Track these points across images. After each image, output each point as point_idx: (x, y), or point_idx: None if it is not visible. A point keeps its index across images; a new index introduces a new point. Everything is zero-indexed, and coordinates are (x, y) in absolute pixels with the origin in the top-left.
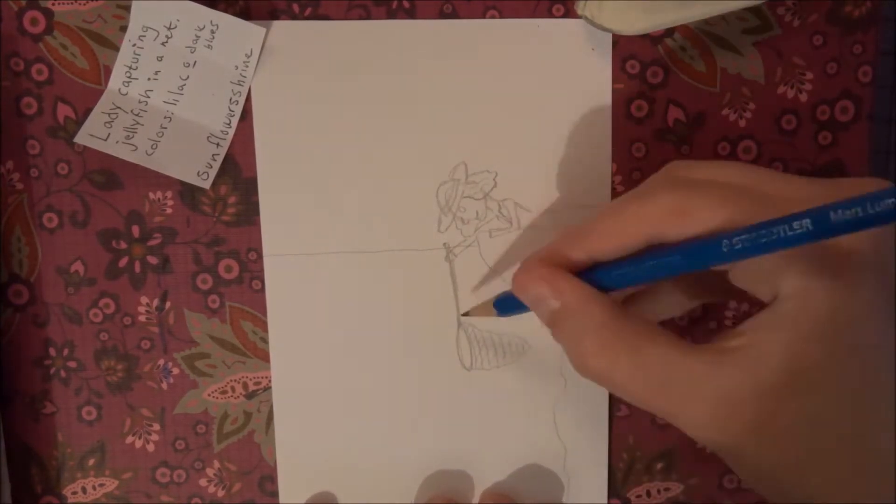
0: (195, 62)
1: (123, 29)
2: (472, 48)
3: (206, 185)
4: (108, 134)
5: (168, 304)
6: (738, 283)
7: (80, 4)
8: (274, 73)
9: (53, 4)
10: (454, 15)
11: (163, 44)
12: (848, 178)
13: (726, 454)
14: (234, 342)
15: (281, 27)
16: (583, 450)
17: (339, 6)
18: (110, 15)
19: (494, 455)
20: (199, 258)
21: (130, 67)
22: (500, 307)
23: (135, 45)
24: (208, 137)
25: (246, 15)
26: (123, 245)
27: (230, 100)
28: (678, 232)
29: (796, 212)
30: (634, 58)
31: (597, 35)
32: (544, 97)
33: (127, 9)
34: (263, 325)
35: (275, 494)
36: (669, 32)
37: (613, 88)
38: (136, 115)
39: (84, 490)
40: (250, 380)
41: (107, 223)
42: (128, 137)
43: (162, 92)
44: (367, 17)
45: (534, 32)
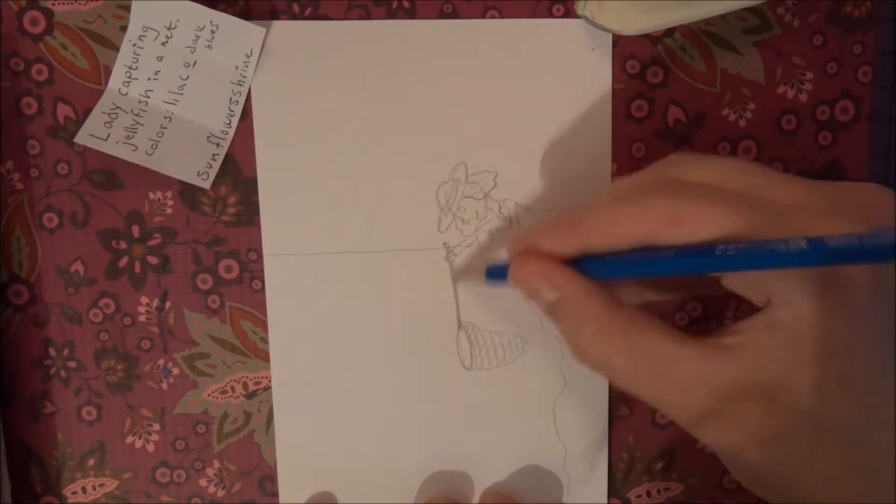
0: (195, 62)
1: (123, 29)
2: (472, 48)
3: (206, 185)
4: (108, 134)
5: (168, 304)
6: (730, 286)
7: (80, 4)
8: (274, 73)
9: (53, 4)
10: (454, 15)
11: (163, 44)
12: (849, 183)
13: (717, 449)
14: (234, 342)
15: (281, 27)
16: (583, 450)
17: (339, 6)
18: (110, 15)
19: (494, 455)
20: (199, 258)
21: (130, 67)
22: (490, 275)
23: (135, 45)
24: (208, 137)
25: (246, 15)
26: (123, 245)
27: (230, 100)
28: (671, 239)
29: (795, 235)
30: (634, 58)
31: (597, 35)
32: (544, 97)
33: (127, 9)
34: (263, 325)
35: (275, 494)
36: (669, 32)
37: (613, 88)
38: (136, 115)
39: (84, 490)
40: (250, 380)
41: (107, 223)
42: (128, 137)
43: (162, 92)
44: (367, 17)
45: (534, 32)
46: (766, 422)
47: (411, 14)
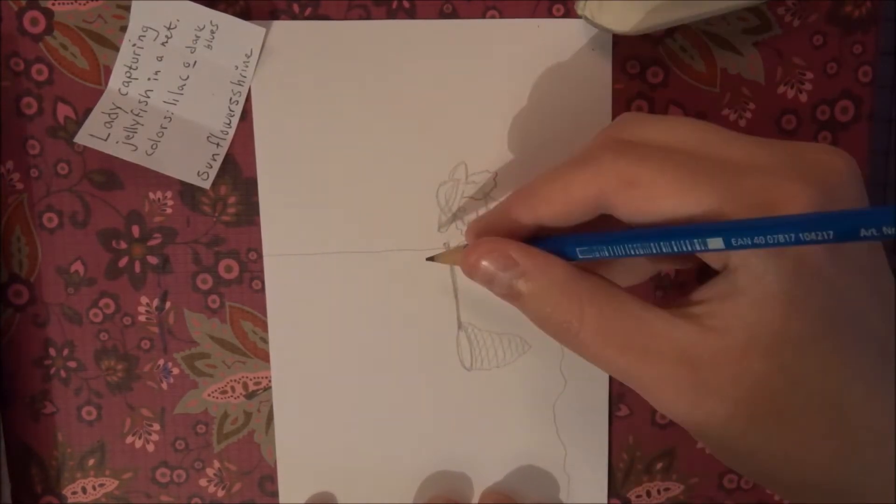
0: (195, 62)
1: (123, 29)
2: (472, 48)
3: (206, 185)
4: (108, 134)
5: (168, 304)
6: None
7: (80, 4)
8: (274, 73)
9: (53, 4)
10: (454, 15)
11: (163, 44)
12: (805, 143)
13: (686, 420)
14: (234, 342)
15: (281, 27)
16: (583, 450)
17: (339, 6)
18: (110, 15)
19: (494, 455)
20: (199, 258)
21: (130, 67)
22: None
23: (135, 45)
24: (208, 137)
25: (246, 15)
26: (123, 245)
27: (230, 100)
28: (626, 202)
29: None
30: (634, 58)
31: (597, 35)
32: (544, 97)
33: (127, 9)
34: (263, 325)
35: (275, 494)
36: (669, 32)
37: (613, 88)
38: (136, 115)
39: (84, 490)
40: (250, 380)
41: (107, 223)
42: (128, 137)
43: (162, 92)
44: (367, 17)
45: (534, 32)
46: (735, 383)
47: (411, 14)
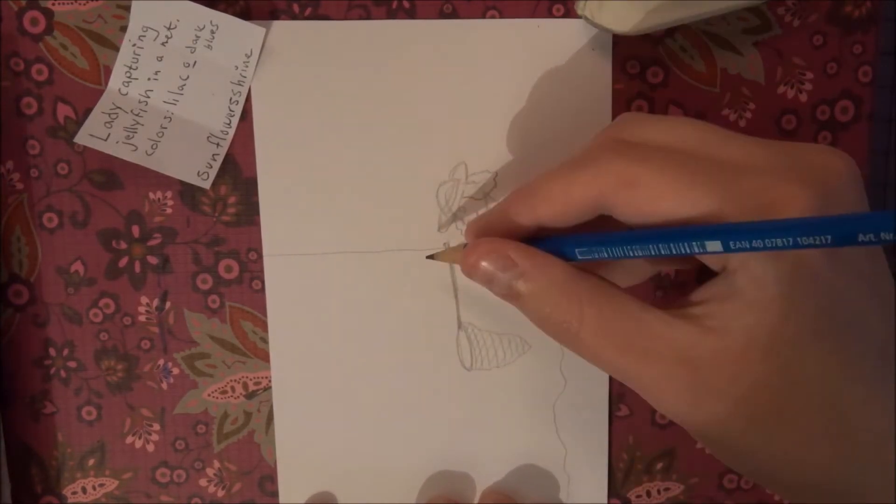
0: (195, 62)
1: (123, 29)
2: (472, 48)
3: (206, 185)
4: (108, 134)
5: (168, 304)
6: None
7: (80, 4)
8: (274, 73)
9: (53, 4)
10: (454, 15)
11: (163, 44)
12: (804, 143)
13: (686, 420)
14: (234, 342)
15: (281, 27)
16: (583, 450)
17: (339, 6)
18: (110, 15)
19: (494, 455)
20: (199, 258)
21: (130, 67)
22: None
23: (135, 45)
24: (208, 137)
25: (246, 15)
26: (123, 245)
27: (230, 100)
28: (626, 202)
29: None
30: (634, 58)
31: (597, 35)
32: (544, 97)
33: (127, 9)
34: (263, 325)
35: (275, 494)
36: (669, 32)
37: (613, 88)
38: (136, 115)
39: (84, 490)
40: (250, 380)
41: (107, 223)
42: (128, 137)
43: (162, 92)
44: (367, 17)
45: (534, 32)
46: (734, 384)
47: (411, 14)
